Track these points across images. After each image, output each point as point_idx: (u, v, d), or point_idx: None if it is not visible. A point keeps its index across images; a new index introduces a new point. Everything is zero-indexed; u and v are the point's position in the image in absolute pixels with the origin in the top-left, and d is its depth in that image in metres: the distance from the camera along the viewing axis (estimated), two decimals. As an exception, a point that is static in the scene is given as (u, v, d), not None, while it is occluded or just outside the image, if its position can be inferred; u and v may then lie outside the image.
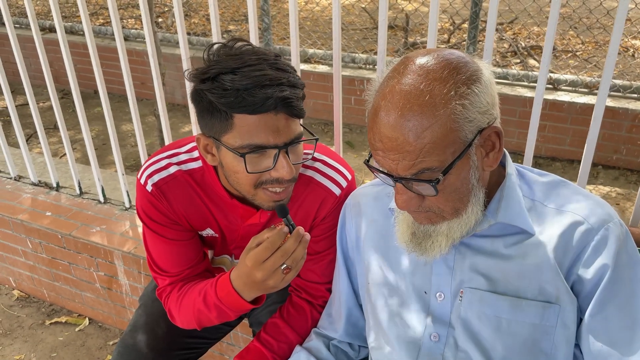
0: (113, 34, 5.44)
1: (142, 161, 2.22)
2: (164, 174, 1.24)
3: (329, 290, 1.32)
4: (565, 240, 0.98)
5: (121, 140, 2.38)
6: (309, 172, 1.27)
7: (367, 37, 5.46)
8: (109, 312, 2.44)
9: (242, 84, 1.00)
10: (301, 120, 1.12)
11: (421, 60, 0.91)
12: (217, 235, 1.34)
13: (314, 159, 1.29)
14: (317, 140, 1.16)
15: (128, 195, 2.37)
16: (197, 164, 1.25)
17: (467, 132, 0.89)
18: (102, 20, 6.18)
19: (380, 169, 0.94)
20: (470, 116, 0.88)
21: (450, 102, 0.86)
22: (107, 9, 6.07)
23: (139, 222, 2.31)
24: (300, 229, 1.06)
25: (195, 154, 1.27)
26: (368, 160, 0.98)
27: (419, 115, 0.87)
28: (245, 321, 1.67)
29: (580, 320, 0.99)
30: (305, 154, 1.19)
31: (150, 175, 1.24)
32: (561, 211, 1.01)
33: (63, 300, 2.56)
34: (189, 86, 1.90)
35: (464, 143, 0.89)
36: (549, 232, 0.99)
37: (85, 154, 4.05)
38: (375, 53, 4.64)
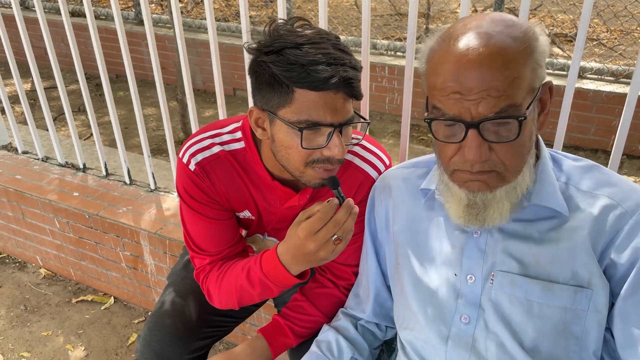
0: (134, 19, 5.48)
1: (168, 144, 2.25)
2: (207, 153, 1.25)
3: (355, 274, 1.33)
4: (599, 223, 0.98)
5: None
6: (348, 156, 1.28)
7: (388, 22, 5.42)
8: (134, 292, 2.49)
9: (307, 59, 1.02)
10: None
11: (484, 15, 0.93)
12: (254, 217, 1.36)
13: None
14: (369, 123, 1.17)
15: (153, 177, 2.41)
16: (239, 145, 1.27)
17: (537, 79, 0.90)
18: (122, 5, 6.21)
19: (450, 117, 0.90)
20: (540, 63, 0.90)
21: (530, 42, 0.87)
22: (129, -7, 6.09)
23: (164, 204, 2.35)
24: (350, 200, 1.07)
25: (238, 134, 1.27)
26: (428, 118, 0.94)
27: (506, 46, 0.86)
28: (270, 302, 1.70)
29: (611, 305, 0.99)
30: (353, 137, 1.20)
31: (193, 155, 1.25)
32: (595, 195, 1.01)
33: (89, 279, 2.62)
34: (216, 73, 1.92)
35: (534, 90, 0.90)
36: (582, 216, 0.99)
37: (108, 136, 4.12)
38: (397, 39, 4.60)
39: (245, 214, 1.35)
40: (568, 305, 0.97)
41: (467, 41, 0.87)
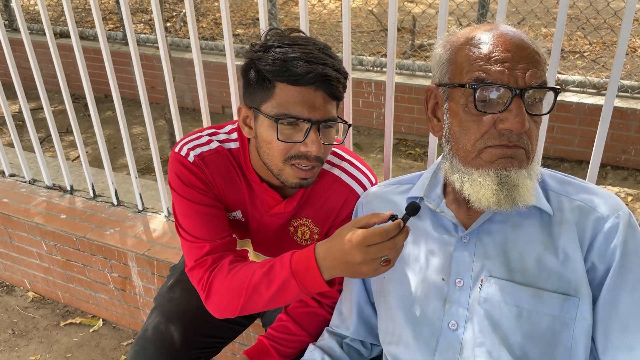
0: (122, 39, 5.51)
1: (155, 164, 2.26)
2: (206, 148, 1.27)
3: (339, 292, 1.34)
4: (579, 228, 1.01)
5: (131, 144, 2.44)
6: (336, 171, 1.31)
7: (374, 39, 5.48)
8: (122, 313, 2.47)
9: (288, 56, 1.08)
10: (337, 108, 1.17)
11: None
12: (243, 219, 1.36)
13: (342, 159, 1.33)
14: (350, 125, 1.20)
15: (141, 197, 2.41)
16: (235, 145, 1.30)
17: None
18: (111, 25, 6.24)
19: (499, 84, 0.93)
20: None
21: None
22: (116, 14, 6.14)
23: (152, 224, 2.34)
24: (409, 229, 1.02)
25: (234, 135, 1.31)
26: (474, 86, 0.95)
27: (529, 38, 0.98)
28: (258, 321, 1.70)
29: (593, 309, 1.00)
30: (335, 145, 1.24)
31: (192, 148, 1.26)
32: (572, 199, 1.04)
33: (77, 301, 2.60)
34: (201, 92, 1.94)
35: None
36: (565, 219, 1.02)
37: (96, 157, 4.12)
38: (383, 55, 4.66)
39: (237, 214, 1.35)
40: (556, 313, 0.98)
41: (501, 27, 0.99)
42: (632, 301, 0.97)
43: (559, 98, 3.86)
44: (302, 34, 1.18)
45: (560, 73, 4.01)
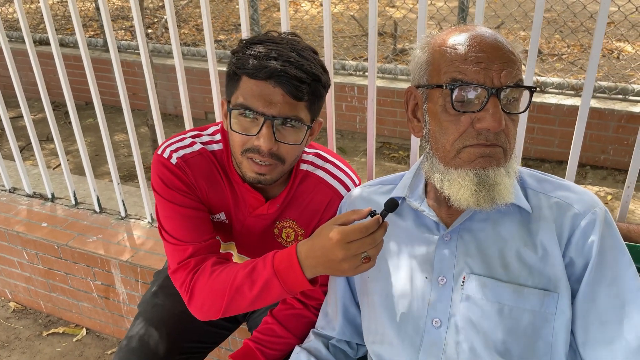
0: (103, 46, 5.47)
1: (137, 170, 2.25)
2: (189, 150, 1.28)
3: (324, 293, 1.34)
4: (557, 224, 1.03)
5: (114, 151, 2.41)
6: (320, 173, 1.32)
7: (356, 44, 5.52)
8: (106, 322, 2.44)
9: (257, 51, 1.10)
10: (308, 114, 1.17)
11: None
12: (227, 221, 1.36)
13: (325, 160, 1.33)
14: (309, 127, 1.18)
15: (124, 204, 2.39)
16: (218, 146, 1.30)
17: None
18: (91, 32, 6.19)
19: (475, 84, 0.95)
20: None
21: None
22: (97, 20, 6.09)
23: (135, 231, 2.32)
24: (387, 224, 1.02)
25: (217, 136, 1.31)
26: (451, 86, 0.97)
27: (505, 39, 1.00)
28: (244, 326, 1.69)
29: (572, 304, 1.02)
30: (308, 152, 1.25)
31: (175, 150, 1.27)
32: (549, 196, 1.06)
33: (60, 310, 2.57)
34: (183, 97, 1.94)
35: None
36: (544, 216, 1.04)
37: (78, 165, 4.08)
38: (365, 60, 4.69)
39: (220, 216, 1.35)
40: (537, 309, 1.00)
41: (478, 29, 1.01)
42: (610, 295, 0.99)
43: (538, 100, 3.93)
44: (292, 36, 1.20)
45: (539, 75, 4.07)
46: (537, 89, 1.04)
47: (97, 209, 2.46)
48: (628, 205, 1.56)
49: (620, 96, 3.72)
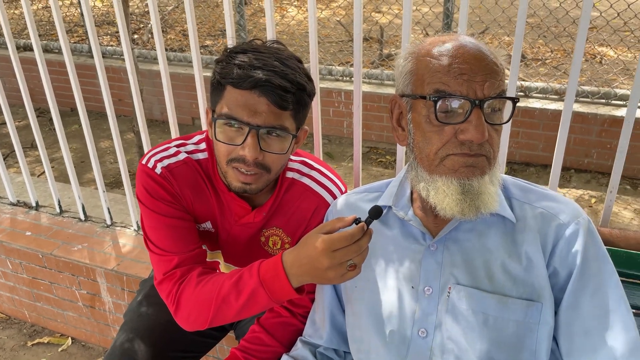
0: (88, 52, 5.42)
1: (123, 177, 2.23)
2: (173, 159, 1.27)
3: (312, 301, 1.34)
4: (542, 234, 1.04)
5: (99, 158, 2.39)
6: (306, 180, 1.32)
7: (343, 49, 5.54)
8: (92, 331, 2.42)
9: (241, 61, 1.10)
10: (294, 124, 1.17)
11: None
12: (213, 230, 1.35)
13: (311, 168, 1.33)
14: (294, 136, 1.18)
15: (109, 212, 2.37)
16: (203, 155, 1.30)
17: None
18: (77, 38, 6.14)
19: (458, 95, 0.96)
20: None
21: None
22: (82, 26, 6.05)
23: (121, 239, 2.30)
24: (372, 231, 1.02)
25: (202, 145, 1.31)
26: (435, 98, 0.97)
27: (488, 48, 1.00)
28: (231, 334, 1.68)
29: (555, 313, 1.03)
30: (294, 160, 1.25)
31: (160, 160, 1.26)
32: (534, 206, 1.07)
33: (45, 320, 2.53)
34: (169, 103, 1.93)
35: None
36: (528, 226, 1.05)
37: (63, 172, 4.03)
38: (352, 65, 4.70)
39: (207, 225, 1.35)
40: (521, 319, 1.01)
41: (461, 39, 1.00)
42: (593, 305, 1.00)
43: (523, 104, 3.97)
44: (276, 45, 1.19)
45: (523, 80, 4.12)
46: (519, 100, 1.05)
47: (82, 217, 2.43)
48: (611, 210, 1.58)
49: (603, 100, 3.78)
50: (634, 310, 1.11)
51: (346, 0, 6.61)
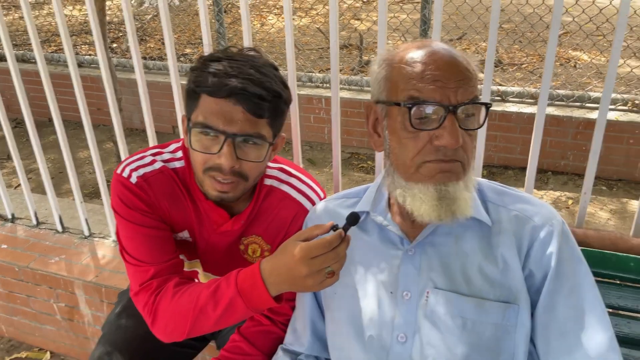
0: (65, 61, 5.34)
1: (100, 187, 2.20)
2: (149, 168, 1.25)
3: (293, 308, 1.33)
4: (517, 236, 1.05)
5: (78, 168, 2.34)
6: (285, 187, 1.31)
7: (323, 56, 5.56)
8: (71, 344, 2.37)
9: (216, 69, 1.09)
10: (270, 131, 1.17)
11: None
12: (191, 239, 1.34)
13: (290, 175, 1.33)
14: (271, 144, 1.18)
15: (87, 223, 2.34)
16: (180, 164, 1.28)
17: None
18: (54, 47, 6.07)
19: (432, 102, 0.97)
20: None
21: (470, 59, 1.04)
22: (59, 35, 5.99)
23: (100, 250, 2.27)
24: (350, 237, 1.02)
25: (179, 154, 1.29)
26: (409, 105, 0.98)
27: (461, 54, 1.01)
28: (212, 344, 1.67)
29: (532, 315, 1.04)
30: (272, 167, 1.24)
31: (135, 169, 1.24)
32: (509, 209, 1.08)
33: (22, 334, 2.48)
34: (146, 111, 1.92)
35: None
36: (503, 229, 1.06)
37: (40, 183, 3.95)
38: (332, 72, 4.72)
39: (184, 234, 1.33)
40: (499, 322, 1.02)
41: (434, 45, 1.02)
42: (569, 306, 1.01)
43: (500, 108, 4.02)
44: (252, 52, 1.19)
45: (500, 84, 4.18)
46: (492, 105, 1.07)
47: (60, 229, 2.40)
48: (585, 211, 1.61)
49: (578, 103, 3.85)
50: (609, 310, 1.14)
51: (326, 8, 6.64)
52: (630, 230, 1.55)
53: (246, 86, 1.08)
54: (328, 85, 4.47)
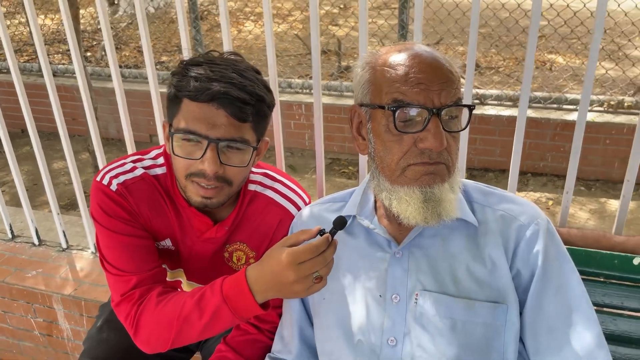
0: (38, 71, 5.25)
1: (78, 198, 2.15)
2: (130, 175, 1.22)
3: (279, 316, 1.31)
4: (503, 236, 1.05)
5: (53, 179, 2.29)
6: (269, 193, 1.29)
7: (301, 62, 5.56)
8: (50, 361, 2.31)
9: (198, 73, 1.07)
10: (254, 136, 1.15)
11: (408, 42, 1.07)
12: (173, 247, 1.31)
13: (274, 180, 1.31)
14: (254, 148, 1.16)
15: (64, 235, 2.28)
16: (162, 170, 1.25)
17: None
18: (26, 57, 5.95)
19: (416, 104, 0.96)
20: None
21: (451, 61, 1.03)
22: (32, 45, 5.87)
23: (78, 263, 2.22)
24: (337, 242, 1.01)
25: (160, 160, 1.27)
26: (393, 108, 0.97)
27: (443, 56, 1.01)
28: (198, 355, 1.64)
29: (520, 314, 1.04)
30: (256, 172, 1.23)
31: (115, 176, 1.21)
32: (495, 209, 1.09)
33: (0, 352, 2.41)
34: (124, 120, 1.88)
35: None
36: (490, 229, 1.06)
37: (14, 196, 3.87)
38: (311, 78, 4.72)
39: (166, 242, 1.30)
40: (488, 322, 1.02)
41: (417, 48, 1.02)
42: (556, 304, 1.02)
43: (479, 112, 4.07)
44: (233, 56, 1.17)
45: (478, 88, 4.23)
46: (475, 107, 1.07)
47: (36, 242, 2.34)
48: (568, 211, 1.62)
49: (555, 105, 3.91)
50: (594, 308, 1.14)
51: (303, 14, 6.66)
52: (611, 229, 1.57)
53: (229, 90, 1.06)
54: (307, 91, 4.46)
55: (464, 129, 1.03)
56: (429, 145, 0.97)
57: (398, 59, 1.00)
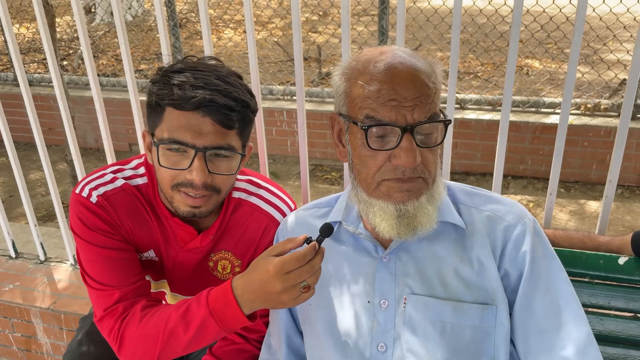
0: (14, 80, 5.15)
1: (56, 208, 2.10)
2: (110, 186, 1.19)
3: (266, 324, 1.30)
4: (491, 237, 1.05)
5: (30, 190, 2.24)
6: (254, 200, 1.27)
7: (282, 69, 5.56)
8: (28, 377, 2.24)
9: (180, 80, 1.05)
10: (240, 143, 1.14)
11: (388, 46, 1.04)
12: (157, 259, 1.29)
13: (259, 187, 1.30)
14: (243, 156, 1.15)
15: (42, 247, 2.23)
16: (143, 180, 1.23)
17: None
18: (1, 67, 5.84)
19: (387, 122, 0.95)
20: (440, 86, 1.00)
21: (433, 66, 1.01)
22: (6, 54, 5.76)
23: (57, 275, 2.17)
24: (324, 249, 0.99)
25: (141, 170, 1.24)
26: (365, 127, 0.96)
27: (424, 63, 0.98)
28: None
29: (510, 315, 1.04)
30: (241, 180, 1.21)
31: (94, 188, 1.18)
32: (481, 210, 1.08)
33: (-26, 370, 2.33)
34: (103, 129, 1.84)
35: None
36: (477, 230, 1.06)
37: (-9, 208, 3.77)
38: (292, 84, 4.72)
39: (150, 254, 1.28)
40: (477, 323, 1.01)
41: (393, 58, 0.97)
42: (546, 303, 1.02)
43: (459, 116, 4.11)
44: (213, 61, 1.15)
45: (458, 92, 4.27)
46: (451, 121, 1.05)
47: (13, 254, 2.28)
48: (552, 212, 1.64)
49: (533, 109, 3.97)
50: (581, 308, 1.15)
51: (283, 21, 6.66)
52: (593, 230, 1.58)
53: (214, 97, 1.04)
54: (289, 97, 4.45)
55: (440, 143, 1.01)
56: (401, 163, 0.96)
57: (373, 71, 0.98)
